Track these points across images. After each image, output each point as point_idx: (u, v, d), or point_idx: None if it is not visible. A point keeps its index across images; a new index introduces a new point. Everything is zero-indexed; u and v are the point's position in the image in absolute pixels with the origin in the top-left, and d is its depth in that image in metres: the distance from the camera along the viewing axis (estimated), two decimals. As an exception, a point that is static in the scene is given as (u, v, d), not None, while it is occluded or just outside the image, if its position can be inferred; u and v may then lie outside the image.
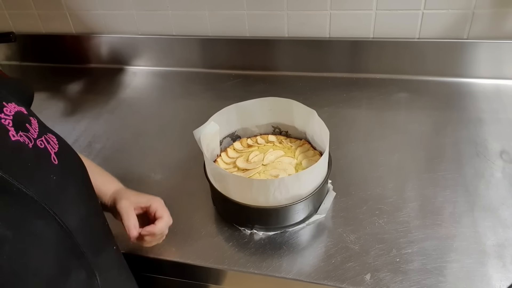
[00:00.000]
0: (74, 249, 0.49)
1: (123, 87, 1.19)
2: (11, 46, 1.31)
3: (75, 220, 0.49)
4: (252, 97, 0.82)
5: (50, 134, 0.51)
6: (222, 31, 1.16)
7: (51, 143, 0.50)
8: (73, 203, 0.51)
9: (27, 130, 0.47)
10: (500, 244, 0.68)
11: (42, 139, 0.49)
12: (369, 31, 1.07)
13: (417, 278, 0.65)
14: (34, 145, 0.47)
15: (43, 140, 0.49)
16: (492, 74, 1.05)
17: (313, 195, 0.71)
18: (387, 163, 0.85)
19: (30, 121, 0.49)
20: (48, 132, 0.52)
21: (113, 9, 1.18)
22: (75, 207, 0.51)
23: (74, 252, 0.49)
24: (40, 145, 0.48)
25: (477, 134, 0.90)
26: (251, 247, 0.72)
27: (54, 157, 0.49)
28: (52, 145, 0.50)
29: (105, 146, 0.98)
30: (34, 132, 0.48)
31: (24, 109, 0.50)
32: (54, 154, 0.49)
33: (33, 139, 0.47)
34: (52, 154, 0.49)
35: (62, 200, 0.48)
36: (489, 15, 0.99)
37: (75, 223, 0.49)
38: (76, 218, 0.50)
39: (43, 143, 0.49)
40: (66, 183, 0.50)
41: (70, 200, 0.50)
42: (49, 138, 0.50)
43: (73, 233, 0.48)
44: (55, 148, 0.50)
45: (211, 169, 0.72)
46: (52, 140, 0.51)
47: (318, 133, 0.78)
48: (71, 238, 0.48)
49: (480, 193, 0.77)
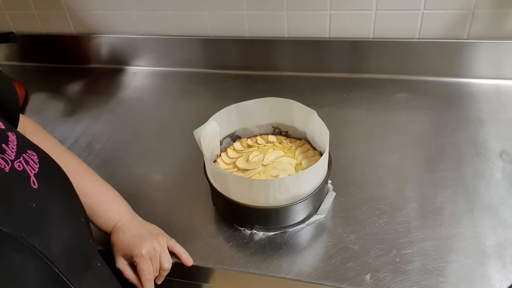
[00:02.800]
0: (55, 277, 0.46)
1: (123, 87, 1.19)
2: (11, 46, 1.31)
3: (57, 246, 0.47)
4: (252, 97, 0.82)
5: (30, 151, 0.47)
6: (222, 31, 1.16)
7: (31, 163, 0.46)
8: (55, 228, 0.47)
9: (3, 152, 0.44)
10: (500, 244, 0.68)
11: (21, 160, 0.45)
12: (369, 31, 1.07)
13: (417, 278, 0.65)
14: (11, 168, 0.43)
15: (22, 161, 0.45)
16: (492, 74, 1.05)
17: (313, 195, 0.71)
18: (387, 163, 0.85)
19: (7, 138, 0.45)
20: (28, 148, 0.48)
21: (113, 9, 1.18)
22: (58, 231, 0.48)
23: (56, 280, 0.46)
24: (18, 167, 0.44)
25: (477, 134, 0.90)
26: (251, 247, 0.72)
27: (33, 179, 0.45)
28: (32, 165, 0.46)
29: (105, 146, 0.98)
30: (12, 153, 0.44)
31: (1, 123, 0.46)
32: (34, 176, 0.45)
33: (10, 161, 0.44)
34: (31, 177, 0.45)
35: (43, 227, 0.45)
36: (489, 15, 0.99)
37: (57, 250, 0.46)
38: (58, 244, 0.47)
39: (21, 164, 0.45)
40: (47, 208, 0.47)
41: (52, 226, 0.47)
42: (29, 157, 0.46)
43: (55, 262, 0.46)
44: (35, 169, 0.46)
45: (211, 169, 0.72)
46: (32, 159, 0.47)
47: (318, 133, 0.78)
48: (52, 267, 0.45)
49: (480, 193, 0.77)
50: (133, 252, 0.65)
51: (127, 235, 0.67)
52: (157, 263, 0.67)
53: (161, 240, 0.68)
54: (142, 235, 0.67)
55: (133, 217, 0.71)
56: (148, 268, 0.65)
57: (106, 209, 0.69)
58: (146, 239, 0.67)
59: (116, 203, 0.71)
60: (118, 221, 0.69)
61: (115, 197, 0.72)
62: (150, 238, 0.67)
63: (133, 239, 0.67)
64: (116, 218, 0.69)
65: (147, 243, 0.66)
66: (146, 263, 0.65)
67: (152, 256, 0.66)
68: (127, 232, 0.67)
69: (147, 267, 0.65)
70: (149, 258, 0.66)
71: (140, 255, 0.65)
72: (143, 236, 0.67)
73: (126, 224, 0.69)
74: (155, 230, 0.70)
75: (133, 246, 0.66)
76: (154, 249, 0.66)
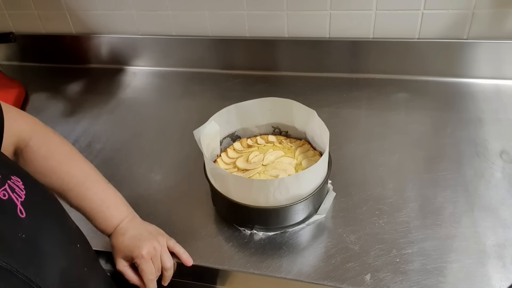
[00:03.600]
0: None
1: (123, 87, 1.19)
2: (11, 46, 1.30)
3: (53, 276, 0.45)
4: (252, 97, 0.82)
5: (14, 177, 0.45)
6: (222, 31, 1.16)
7: (17, 190, 0.44)
8: (48, 259, 0.45)
9: None
10: (500, 244, 0.68)
11: (6, 188, 0.42)
12: (369, 31, 1.07)
13: (417, 278, 0.65)
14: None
15: (7, 189, 0.43)
16: (492, 74, 1.05)
17: (313, 195, 0.71)
18: (387, 163, 0.85)
19: None
20: (12, 174, 0.45)
21: (113, 9, 1.18)
22: (52, 263, 0.46)
23: None
24: (3, 196, 0.42)
25: (477, 134, 0.90)
26: (251, 247, 0.72)
27: (20, 208, 0.43)
28: (18, 193, 0.43)
29: (105, 146, 0.98)
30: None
31: None
32: (21, 204, 0.43)
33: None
34: (18, 206, 0.43)
35: (35, 260, 0.43)
36: (489, 15, 0.99)
37: (55, 280, 0.44)
38: (55, 274, 0.45)
39: (6, 193, 0.42)
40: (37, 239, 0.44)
41: (45, 257, 0.45)
42: (14, 184, 0.44)
43: None
44: (21, 197, 0.44)
45: (211, 169, 0.72)
46: (17, 186, 0.44)
47: (318, 133, 0.78)
48: None
49: (480, 193, 0.77)
50: (134, 253, 0.65)
51: (127, 237, 0.67)
52: (159, 263, 0.67)
53: (161, 240, 0.68)
54: (142, 235, 0.67)
55: (133, 218, 0.71)
56: (149, 269, 0.65)
57: (107, 215, 0.68)
58: (146, 239, 0.67)
59: (118, 209, 0.70)
60: (118, 224, 0.69)
61: (117, 201, 0.71)
62: (150, 238, 0.67)
63: (133, 240, 0.66)
64: (116, 223, 0.69)
65: (147, 244, 0.66)
66: (147, 263, 0.65)
67: (153, 256, 0.66)
68: (126, 234, 0.67)
69: (148, 267, 0.65)
70: (149, 258, 0.66)
71: (141, 256, 0.65)
72: (143, 237, 0.67)
73: (125, 226, 0.69)
74: (155, 231, 0.70)
75: (133, 247, 0.66)
76: (155, 249, 0.66)
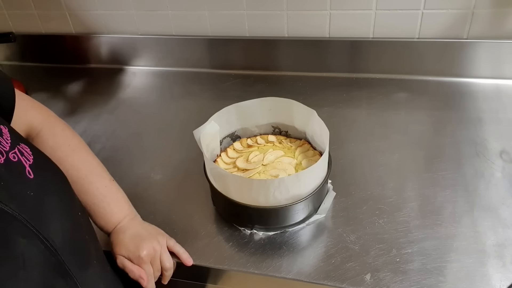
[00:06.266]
0: (59, 268, 0.46)
1: (123, 87, 1.19)
2: (11, 46, 1.31)
3: (59, 236, 0.46)
4: (252, 97, 0.82)
5: (23, 144, 0.47)
6: (222, 31, 1.16)
7: (25, 154, 0.46)
8: (55, 218, 0.47)
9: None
10: (500, 244, 0.69)
11: (15, 151, 0.45)
12: (369, 31, 1.07)
13: (417, 278, 0.65)
14: (6, 159, 0.43)
15: (16, 152, 0.45)
16: (492, 74, 1.05)
17: (313, 195, 0.71)
18: (387, 163, 0.85)
19: (1, 131, 0.45)
20: (21, 142, 0.47)
21: (113, 9, 1.18)
22: (58, 222, 0.48)
23: (59, 271, 0.46)
24: (13, 158, 0.44)
25: (477, 134, 0.90)
26: (251, 247, 0.72)
27: (29, 170, 0.45)
28: (26, 157, 0.46)
29: (105, 146, 0.98)
30: (6, 144, 0.44)
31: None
32: (29, 166, 0.45)
33: (5, 153, 0.44)
34: (27, 167, 0.45)
35: (43, 217, 0.45)
36: (489, 15, 0.99)
37: (59, 240, 0.46)
38: (59, 235, 0.47)
39: (16, 155, 0.45)
40: (45, 198, 0.47)
41: (52, 216, 0.47)
42: (23, 149, 0.46)
43: (58, 251, 0.45)
44: (29, 160, 0.46)
45: (211, 169, 0.72)
46: (25, 151, 0.46)
47: (318, 133, 0.78)
48: (56, 256, 0.45)
49: (480, 193, 0.77)
50: (133, 254, 0.65)
51: (127, 236, 0.67)
52: (158, 263, 0.67)
53: (160, 240, 0.68)
54: (141, 235, 0.67)
55: (134, 217, 0.71)
56: (148, 270, 0.65)
57: (108, 211, 0.68)
58: (146, 239, 0.67)
59: (119, 206, 0.70)
60: (119, 223, 0.69)
61: (119, 199, 0.71)
62: (149, 238, 0.67)
63: (133, 240, 0.66)
64: (117, 221, 0.69)
65: (147, 244, 0.66)
66: (146, 265, 0.65)
67: (152, 257, 0.66)
68: (126, 233, 0.67)
69: (147, 269, 0.65)
70: (148, 260, 0.65)
71: (140, 257, 0.65)
72: (143, 237, 0.67)
73: (125, 225, 0.69)
74: (155, 231, 0.70)
75: (133, 247, 0.66)
76: (154, 250, 0.66)
